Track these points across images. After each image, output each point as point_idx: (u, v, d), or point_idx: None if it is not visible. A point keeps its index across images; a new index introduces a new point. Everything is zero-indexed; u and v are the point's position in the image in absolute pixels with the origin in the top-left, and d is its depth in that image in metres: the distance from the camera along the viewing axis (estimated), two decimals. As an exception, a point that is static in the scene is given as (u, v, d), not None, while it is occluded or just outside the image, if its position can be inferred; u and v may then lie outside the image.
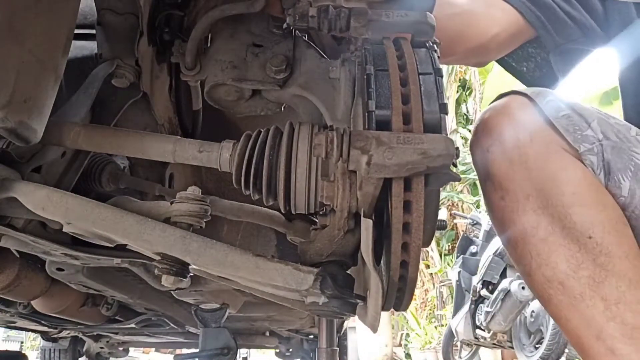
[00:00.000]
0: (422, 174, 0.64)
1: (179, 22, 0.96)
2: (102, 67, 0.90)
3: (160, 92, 1.02)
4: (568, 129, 0.86)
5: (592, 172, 0.84)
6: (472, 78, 10.01)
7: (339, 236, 0.74)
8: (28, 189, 0.77)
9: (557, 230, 0.81)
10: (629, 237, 0.82)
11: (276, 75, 0.83)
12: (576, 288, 0.79)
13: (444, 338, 5.97)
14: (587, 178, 0.84)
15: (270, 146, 0.75)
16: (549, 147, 0.86)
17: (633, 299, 0.76)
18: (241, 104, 0.89)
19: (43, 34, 0.67)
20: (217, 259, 0.73)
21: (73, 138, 0.81)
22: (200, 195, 0.82)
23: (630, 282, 0.77)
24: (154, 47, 0.96)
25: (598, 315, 0.77)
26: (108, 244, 0.84)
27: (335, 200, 0.72)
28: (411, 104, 0.65)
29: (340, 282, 0.72)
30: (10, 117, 0.64)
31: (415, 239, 0.65)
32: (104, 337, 3.02)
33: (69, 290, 1.38)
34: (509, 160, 0.87)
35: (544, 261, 0.82)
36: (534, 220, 0.84)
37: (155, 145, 0.82)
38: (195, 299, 1.39)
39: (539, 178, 0.84)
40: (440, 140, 0.63)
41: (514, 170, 0.86)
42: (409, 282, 0.69)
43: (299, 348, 3.26)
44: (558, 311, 0.82)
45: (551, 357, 4.03)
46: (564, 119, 0.87)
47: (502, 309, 4.44)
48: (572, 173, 0.84)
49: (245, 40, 0.87)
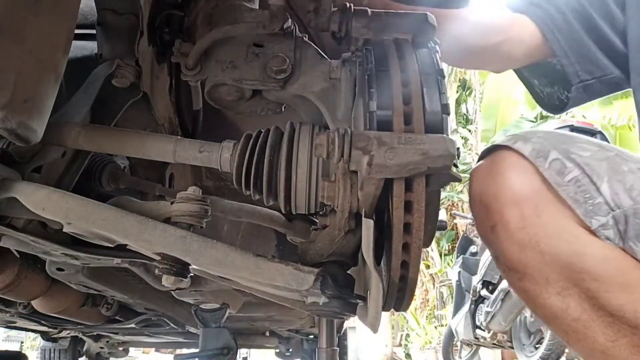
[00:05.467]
0: (423, 175, 0.64)
1: (179, 22, 0.96)
2: (102, 67, 0.90)
3: (161, 92, 1.02)
4: (577, 199, 0.78)
5: (610, 244, 0.78)
6: (472, 78, 10.01)
7: (339, 236, 0.74)
8: (28, 189, 0.77)
9: (587, 307, 0.78)
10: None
11: (277, 76, 0.83)
12: (618, 356, 0.78)
13: (444, 338, 5.97)
14: (606, 259, 0.77)
15: (271, 146, 0.75)
16: (559, 225, 0.79)
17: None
18: (241, 104, 0.89)
19: (43, 34, 0.67)
20: (217, 259, 0.73)
21: (73, 138, 0.81)
22: (200, 195, 0.81)
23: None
24: (154, 47, 0.96)
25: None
26: (108, 244, 0.84)
27: (336, 200, 0.72)
28: (412, 105, 0.65)
29: (340, 283, 0.72)
30: (11, 117, 0.64)
31: (416, 240, 0.65)
32: (104, 337, 3.02)
33: (69, 290, 1.38)
34: (519, 244, 0.80)
35: (582, 337, 0.80)
36: (561, 302, 0.79)
37: (156, 145, 0.82)
38: (196, 299, 1.39)
39: (555, 263, 0.78)
40: (441, 140, 0.63)
41: (526, 256, 0.80)
42: (409, 283, 0.69)
43: (299, 348, 3.26)
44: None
45: (551, 357, 4.02)
46: (571, 185, 0.79)
47: (502, 309, 4.43)
48: (589, 258, 0.77)
49: (246, 40, 0.86)
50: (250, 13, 0.87)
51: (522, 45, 1.21)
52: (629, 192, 0.78)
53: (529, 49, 1.21)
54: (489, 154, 0.88)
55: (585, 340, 0.80)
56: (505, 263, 0.84)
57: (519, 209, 0.80)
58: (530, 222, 0.79)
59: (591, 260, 0.77)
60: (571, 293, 0.79)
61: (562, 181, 0.79)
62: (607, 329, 0.78)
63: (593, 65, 1.18)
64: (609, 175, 0.79)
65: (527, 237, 0.79)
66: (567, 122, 3.85)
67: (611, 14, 1.17)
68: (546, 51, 1.20)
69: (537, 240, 0.79)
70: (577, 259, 0.78)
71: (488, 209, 0.83)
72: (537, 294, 0.81)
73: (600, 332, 0.78)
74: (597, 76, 1.18)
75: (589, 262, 0.77)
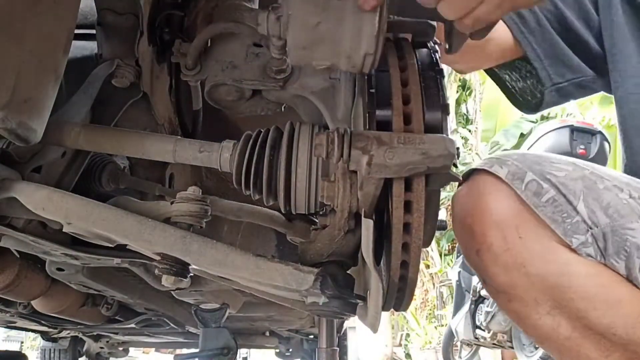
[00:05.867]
0: (422, 174, 0.64)
1: (179, 22, 0.96)
2: (102, 67, 0.90)
3: (161, 92, 1.02)
4: (556, 219, 0.79)
5: (592, 261, 0.79)
6: (472, 78, 10.01)
7: (339, 236, 0.74)
8: (28, 189, 0.77)
9: (579, 326, 0.78)
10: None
11: (276, 75, 0.83)
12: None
13: (444, 338, 5.97)
14: (590, 276, 0.78)
15: (271, 146, 0.75)
16: (542, 245, 0.79)
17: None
18: (241, 104, 0.89)
19: (43, 34, 0.67)
20: (217, 259, 0.73)
21: (73, 138, 0.81)
22: (200, 195, 0.82)
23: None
24: (154, 47, 0.96)
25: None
26: (108, 244, 0.84)
27: (336, 200, 0.72)
28: (412, 105, 0.65)
29: (340, 282, 0.72)
30: (11, 118, 0.64)
31: (416, 239, 0.65)
32: (104, 337, 3.02)
33: (69, 290, 1.38)
34: (504, 267, 0.81)
35: (575, 355, 0.80)
36: (552, 322, 0.80)
37: (156, 145, 0.82)
38: (195, 299, 1.39)
39: (541, 283, 0.79)
40: (440, 140, 0.63)
41: (512, 278, 0.80)
42: (409, 283, 0.69)
43: (299, 348, 3.26)
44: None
45: (551, 357, 4.02)
46: (548, 205, 0.79)
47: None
48: (574, 277, 0.78)
49: (246, 40, 0.86)
50: (250, 13, 0.87)
51: (497, 47, 1.18)
52: (605, 210, 0.79)
53: (502, 50, 1.19)
54: (468, 178, 0.89)
55: (578, 358, 0.80)
56: (493, 286, 0.84)
57: (500, 231, 0.80)
58: (513, 244, 0.80)
59: (576, 279, 0.78)
60: (561, 313, 0.79)
61: (540, 202, 0.79)
62: (600, 345, 0.78)
63: (566, 68, 1.16)
64: (584, 194, 0.80)
65: (512, 259, 0.80)
66: (567, 122, 3.84)
67: (586, 13, 1.16)
68: (519, 52, 1.18)
69: (522, 262, 0.79)
70: (562, 279, 0.78)
71: (471, 232, 0.84)
72: (527, 315, 0.82)
73: (593, 349, 0.79)
74: (569, 79, 1.17)
75: (574, 281, 0.78)
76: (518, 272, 0.80)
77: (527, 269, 0.79)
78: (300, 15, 0.59)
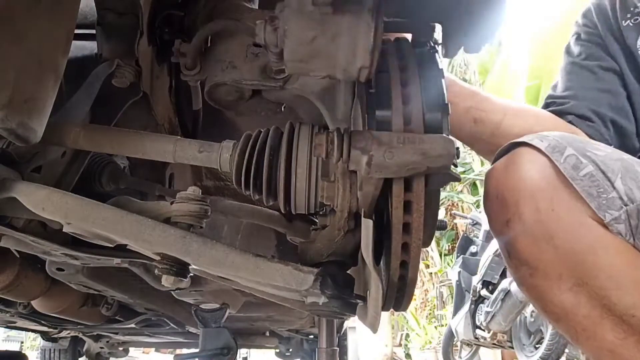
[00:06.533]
0: (422, 174, 0.64)
1: (179, 22, 0.96)
2: (102, 67, 0.90)
3: (161, 92, 1.02)
4: (592, 193, 0.78)
5: (622, 240, 0.78)
6: (472, 78, 10.00)
7: (339, 236, 0.74)
8: (28, 189, 0.77)
9: (598, 306, 0.78)
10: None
11: (276, 76, 0.83)
12: (625, 354, 0.78)
13: (444, 338, 5.98)
14: (619, 255, 0.78)
15: (271, 146, 0.75)
16: (573, 219, 0.79)
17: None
18: (241, 104, 0.89)
19: (43, 34, 0.67)
20: (217, 259, 0.73)
21: (73, 138, 0.81)
22: (200, 195, 0.81)
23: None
24: (154, 47, 0.96)
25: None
26: (108, 244, 0.84)
27: (336, 200, 0.72)
28: (412, 104, 0.65)
29: (340, 282, 0.72)
30: (11, 118, 0.64)
31: (416, 239, 0.65)
32: (104, 337, 3.02)
33: (69, 290, 1.38)
34: (533, 237, 0.80)
35: (591, 334, 0.80)
36: (573, 299, 0.80)
37: (155, 145, 0.82)
38: (195, 299, 1.39)
39: (568, 258, 0.79)
40: (440, 140, 0.63)
41: (540, 250, 0.80)
42: (409, 283, 0.69)
43: (299, 348, 3.26)
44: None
45: (551, 357, 4.02)
46: (586, 179, 0.79)
47: (502, 309, 4.44)
48: (603, 253, 0.78)
49: (246, 40, 0.86)
50: (250, 13, 0.87)
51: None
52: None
53: None
54: (506, 152, 0.89)
55: (594, 338, 0.80)
56: (517, 257, 0.84)
57: (534, 202, 0.80)
58: (545, 215, 0.79)
59: (605, 256, 0.78)
60: (583, 291, 0.78)
61: (577, 175, 0.79)
62: (617, 327, 0.78)
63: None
64: (622, 173, 0.80)
65: (542, 230, 0.79)
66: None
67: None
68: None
69: (552, 235, 0.79)
70: (590, 255, 0.78)
71: (504, 202, 0.84)
72: (548, 290, 0.81)
73: (609, 330, 0.78)
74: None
75: (602, 258, 0.78)
76: (547, 244, 0.79)
77: (556, 242, 0.79)
78: (296, 30, 0.59)
